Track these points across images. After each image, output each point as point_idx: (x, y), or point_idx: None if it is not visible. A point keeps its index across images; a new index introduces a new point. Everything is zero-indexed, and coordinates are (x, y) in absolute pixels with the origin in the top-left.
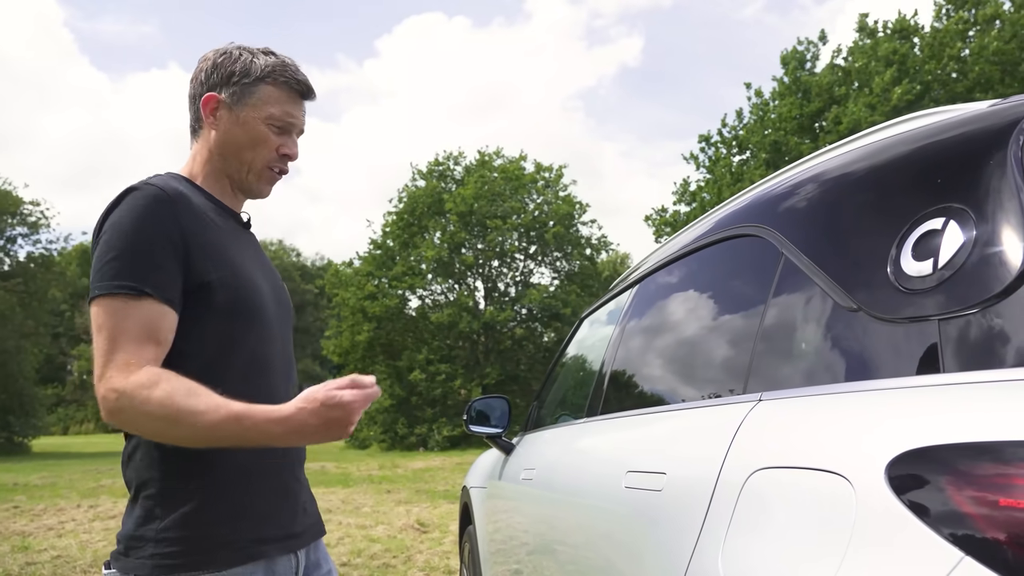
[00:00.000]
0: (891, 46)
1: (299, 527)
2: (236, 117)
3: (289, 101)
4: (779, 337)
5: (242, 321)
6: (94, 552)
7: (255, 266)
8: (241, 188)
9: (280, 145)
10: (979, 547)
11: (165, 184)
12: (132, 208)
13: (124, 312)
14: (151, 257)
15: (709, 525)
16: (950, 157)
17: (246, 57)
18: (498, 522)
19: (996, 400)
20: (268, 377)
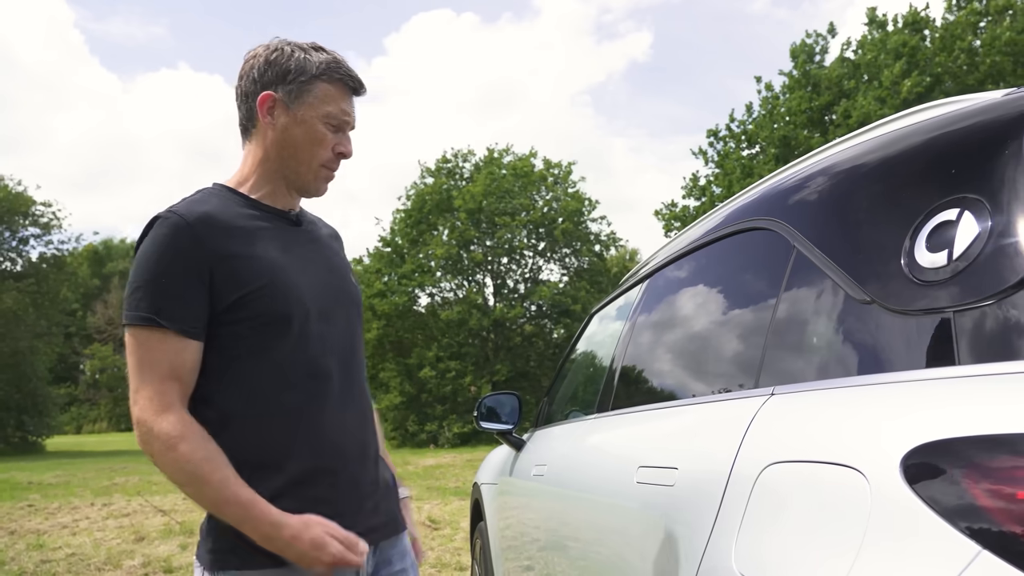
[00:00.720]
0: (901, 38)
1: (362, 526)
2: (294, 116)
3: (343, 98)
4: (791, 331)
5: (279, 330)
6: (108, 550)
7: (305, 265)
8: (297, 188)
9: (336, 143)
10: (997, 540)
11: (188, 210)
12: (154, 239)
13: (148, 344)
14: (169, 289)
15: (722, 520)
16: (964, 147)
17: (299, 54)
18: (509, 518)
19: (1012, 393)
20: (319, 382)
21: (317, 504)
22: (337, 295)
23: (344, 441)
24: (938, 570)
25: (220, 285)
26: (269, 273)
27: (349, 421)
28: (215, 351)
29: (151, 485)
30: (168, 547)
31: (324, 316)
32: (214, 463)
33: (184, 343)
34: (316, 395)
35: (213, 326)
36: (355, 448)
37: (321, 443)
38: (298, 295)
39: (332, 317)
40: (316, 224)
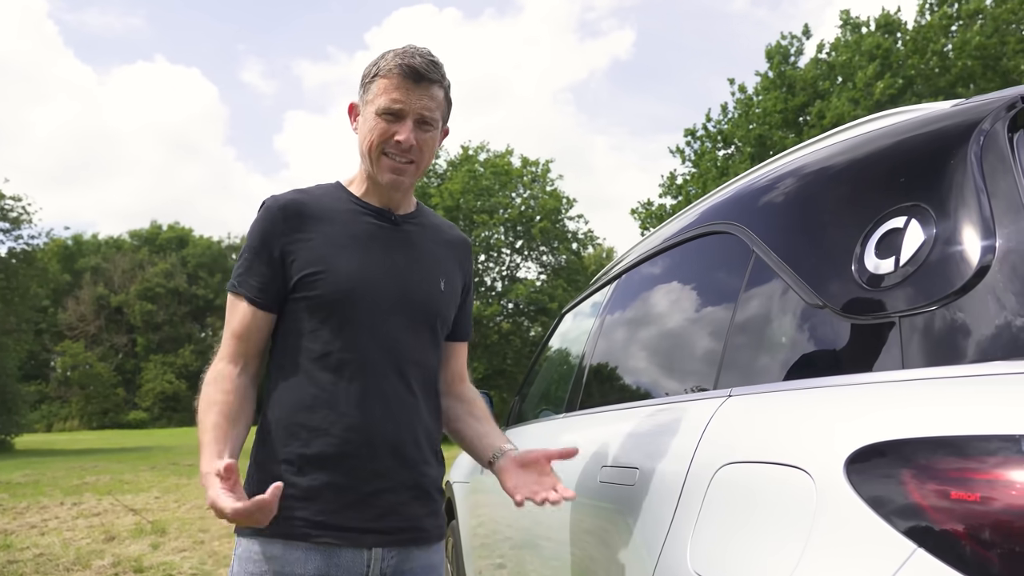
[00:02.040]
0: (874, 41)
1: (376, 525)
2: (362, 115)
3: (397, 88)
4: (749, 334)
5: (329, 311)
6: (77, 550)
7: (380, 260)
8: (377, 184)
9: (394, 132)
10: (931, 539)
11: (281, 196)
12: (255, 220)
13: (231, 306)
14: (251, 265)
15: (679, 518)
16: (912, 157)
17: (377, 58)
18: (481, 517)
19: (954, 395)
20: (350, 370)
21: (325, 488)
22: (407, 294)
23: (376, 434)
24: (875, 569)
25: (292, 264)
26: (332, 261)
27: (390, 417)
28: (282, 324)
29: (122, 484)
30: (139, 547)
31: (383, 312)
32: (211, 409)
33: (253, 311)
34: (352, 383)
35: (284, 302)
36: (389, 445)
37: (347, 430)
38: (356, 286)
39: (393, 315)
40: (433, 229)
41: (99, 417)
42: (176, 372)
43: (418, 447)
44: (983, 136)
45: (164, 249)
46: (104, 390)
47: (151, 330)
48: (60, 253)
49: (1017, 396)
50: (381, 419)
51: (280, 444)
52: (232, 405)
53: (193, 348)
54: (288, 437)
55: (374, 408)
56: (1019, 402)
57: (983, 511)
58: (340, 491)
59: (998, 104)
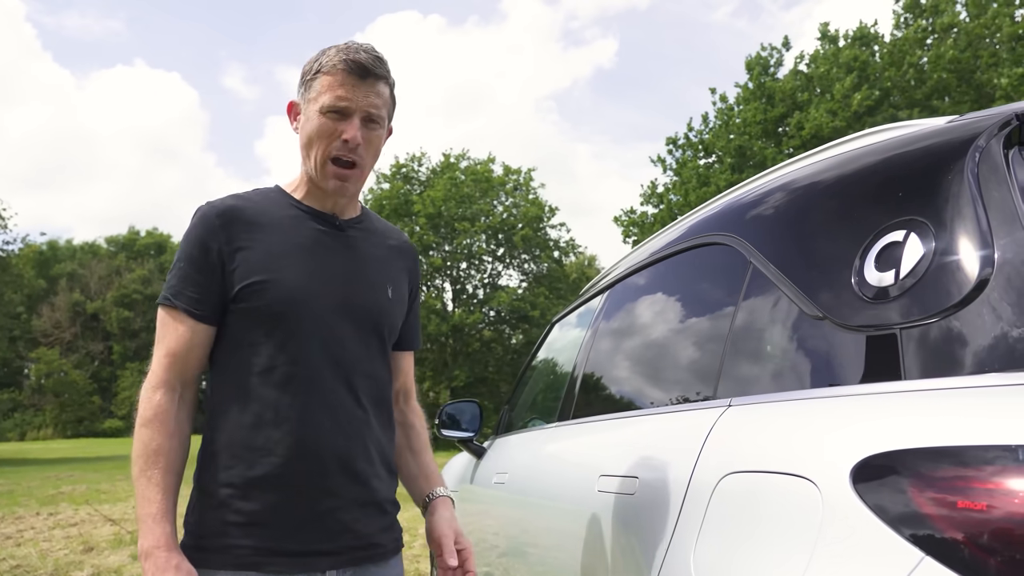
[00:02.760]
0: (852, 53)
1: (328, 546)
2: (304, 115)
3: (341, 85)
4: (748, 344)
5: (272, 324)
6: (55, 561)
7: (325, 268)
8: (318, 187)
9: (342, 131)
10: (938, 547)
11: (218, 202)
12: (189, 227)
13: (163, 322)
14: (188, 275)
15: (681, 528)
16: (911, 172)
17: (317, 55)
18: (470, 525)
19: (955, 406)
20: (303, 385)
21: (272, 512)
22: (353, 303)
23: (325, 450)
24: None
25: (231, 274)
26: (275, 270)
27: (339, 431)
28: (222, 338)
29: (99, 494)
30: (118, 557)
31: (329, 322)
32: (153, 459)
33: (192, 324)
34: (298, 399)
35: (224, 314)
36: (339, 460)
37: (293, 447)
38: (301, 297)
39: (339, 325)
40: (378, 234)
41: (74, 425)
42: None
43: (369, 461)
44: (979, 152)
45: (142, 255)
46: (79, 398)
47: (128, 337)
48: (35, 259)
49: (1017, 407)
50: (330, 434)
51: (223, 467)
52: (177, 453)
53: None
54: (231, 459)
55: (322, 423)
56: (1019, 413)
57: (988, 519)
58: (289, 513)
59: (992, 121)
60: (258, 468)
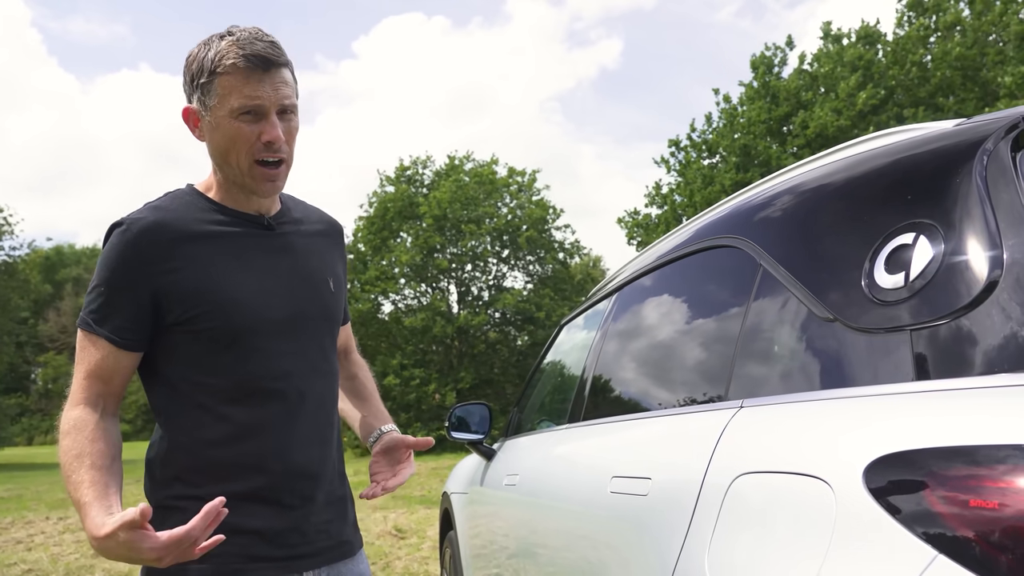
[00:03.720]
0: (856, 52)
1: (306, 549)
2: (210, 123)
3: (247, 83)
4: (759, 346)
5: (225, 346)
6: (66, 565)
7: (264, 275)
8: (247, 191)
9: (260, 132)
10: (951, 545)
11: (142, 218)
12: (108, 248)
13: (83, 345)
14: (111, 301)
15: (695, 529)
16: (919, 174)
17: (202, 52)
18: (480, 527)
19: (966, 406)
20: (274, 399)
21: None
22: (303, 308)
23: (295, 459)
24: (898, 574)
25: (165, 299)
26: (218, 289)
27: (303, 438)
28: (170, 361)
29: None
30: None
31: (282, 331)
32: (82, 462)
33: (115, 352)
34: (265, 412)
35: (164, 335)
36: (308, 467)
37: (267, 461)
38: (251, 311)
39: (293, 331)
40: (303, 222)
41: None
42: None
43: (332, 462)
44: (987, 155)
45: None
46: None
47: None
48: (42, 264)
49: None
50: (298, 443)
51: (191, 484)
52: (104, 453)
53: None
54: (198, 476)
55: (289, 433)
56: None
57: (1001, 518)
58: (266, 523)
59: (1000, 124)
60: (231, 483)
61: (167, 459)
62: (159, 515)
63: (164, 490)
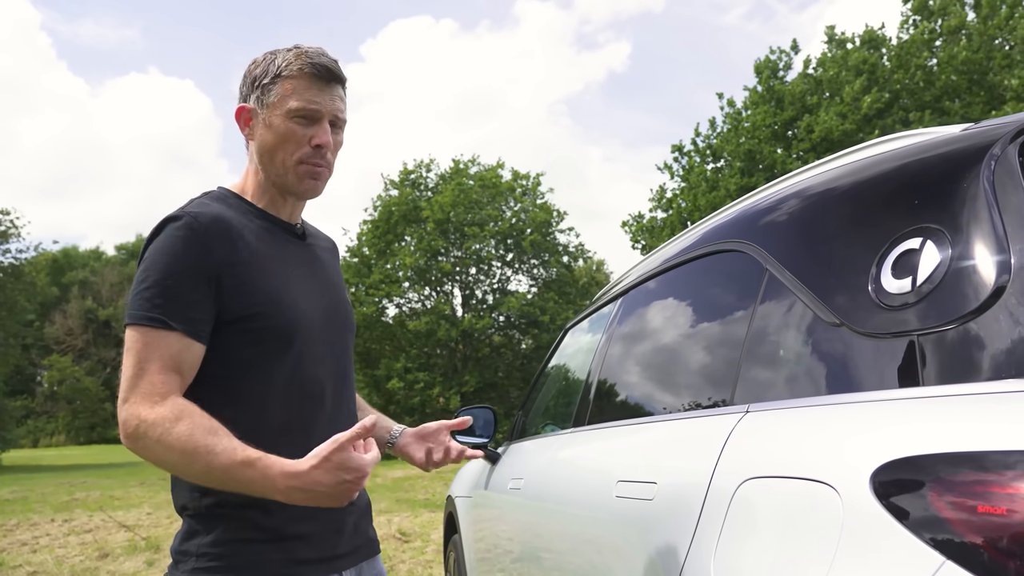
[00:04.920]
0: (861, 56)
1: (344, 548)
2: (264, 121)
3: (308, 89)
4: (764, 350)
5: (280, 345)
6: (71, 567)
7: (304, 283)
8: (287, 191)
9: (311, 136)
10: (959, 551)
11: (202, 211)
12: (169, 240)
13: (153, 343)
14: (182, 293)
15: (701, 533)
16: (926, 179)
17: (268, 59)
18: (485, 531)
19: (973, 411)
20: (312, 401)
21: (302, 522)
22: (334, 316)
23: None
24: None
25: (226, 294)
26: (275, 291)
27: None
28: (216, 359)
29: (113, 500)
30: (134, 564)
31: (322, 337)
32: (218, 434)
33: (188, 343)
34: (307, 414)
35: (216, 334)
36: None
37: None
38: (300, 315)
39: (328, 338)
40: (317, 238)
41: (86, 432)
42: None
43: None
44: (994, 160)
45: None
46: (91, 405)
47: None
48: (48, 267)
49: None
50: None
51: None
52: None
53: None
54: None
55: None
56: None
57: (1008, 523)
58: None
59: (1008, 129)
60: None
61: None
62: (204, 523)
63: (209, 496)
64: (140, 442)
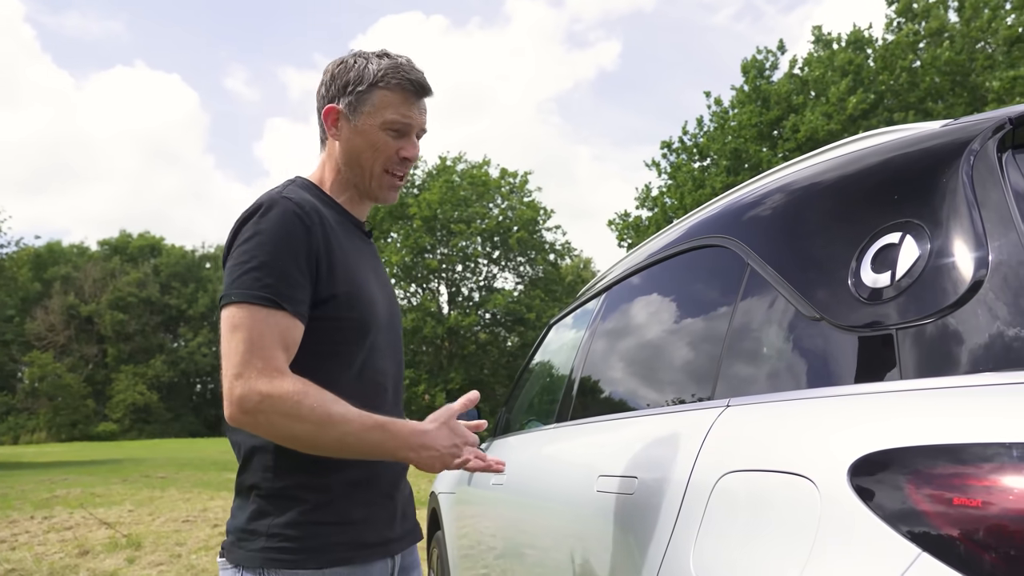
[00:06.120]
0: (846, 56)
1: (397, 532)
2: (355, 126)
3: (404, 103)
4: (745, 345)
5: (360, 335)
6: (51, 565)
7: (373, 277)
8: (367, 195)
9: (400, 148)
10: (935, 543)
11: (302, 199)
12: (275, 222)
13: (263, 320)
14: (289, 273)
15: (681, 527)
16: (906, 174)
17: (360, 64)
18: (467, 527)
19: (950, 405)
20: (379, 391)
21: (367, 507)
22: (393, 311)
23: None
24: (881, 572)
25: (321, 280)
26: (356, 282)
27: None
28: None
29: (94, 497)
30: (114, 561)
31: (386, 330)
32: (343, 404)
33: (294, 323)
34: (375, 403)
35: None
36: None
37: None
38: (374, 307)
39: (390, 332)
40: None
41: (68, 429)
42: (148, 383)
43: None
44: (973, 155)
45: (136, 258)
46: (73, 401)
47: (122, 340)
48: (31, 262)
49: (1012, 406)
50: None
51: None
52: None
53: (165, 359)
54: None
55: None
56: (1014, 412)
57: (984, 516)
58: (375, 511)
59: (987, 125)
60: (346, 471)
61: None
62: (276, 504)
63: (283, 479)
64: (261, 416)
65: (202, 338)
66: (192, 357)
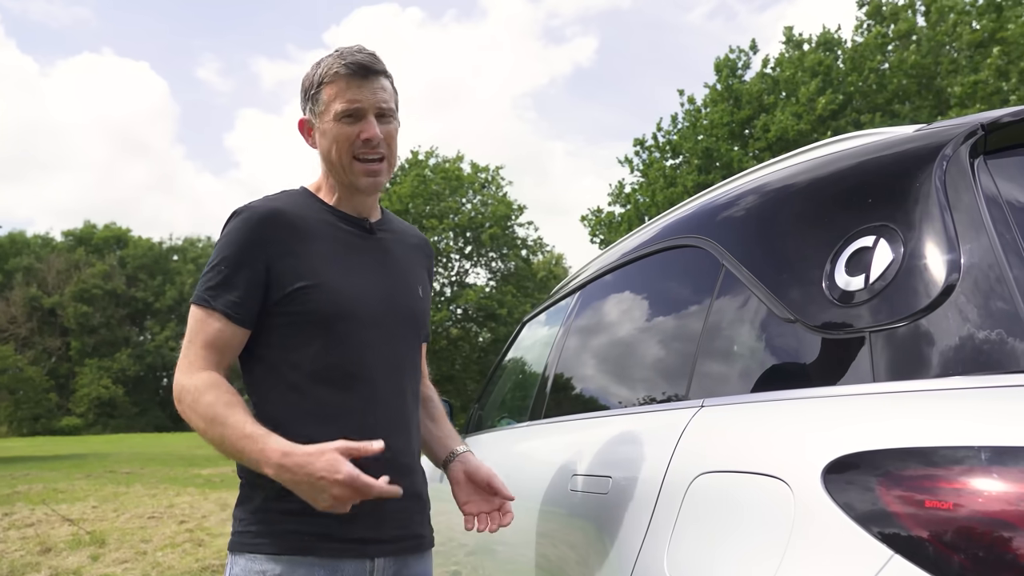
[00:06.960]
0: (816, 57)
1: (378, 535)
2: (320, 129)
3: (349, 88)
4: (720, 346)
5: (320, 328)
6: (11, 563)
7: (367, 272)
8: (352, 189)
9: (360, 132)
10: (906, 545)
11: (271, 208)
12: (229, 231)
13: (200, 320)
14: (229, 278)
15: (655, 527)
16: (880, 178)
17: (314, 68)
18: (440, 524)
19: (923, 408)
20: (362, 386)
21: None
22: (393, 306)
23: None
24: (854, 574)
25: (275, 279)
26: (321, 274)
27: (385, 426)
28: (265, 340)
29: (57, 493)
30: (77, 558)
31: (373, 323)
32: (235, 408)
33: (230, 326)
34: (350, 397)
35: (265, 316)
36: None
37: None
38: (346, 299)
39: (382, 326)
40: (400, 234)
41: (30, 423)
42: (113, 377)
43: (412, 454)
44: (946, 160)
45: (101, 249)
46: (35, 395)
47: (86, 333)
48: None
49: (982, 409)
50: (383, 430)
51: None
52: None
53: (131, 352)
54: None
55: (376, 419)
56: (984, 415)
57: (955, 518)
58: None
59: (960, 131)
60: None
61: None
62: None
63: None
64: (179, 406)
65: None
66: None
